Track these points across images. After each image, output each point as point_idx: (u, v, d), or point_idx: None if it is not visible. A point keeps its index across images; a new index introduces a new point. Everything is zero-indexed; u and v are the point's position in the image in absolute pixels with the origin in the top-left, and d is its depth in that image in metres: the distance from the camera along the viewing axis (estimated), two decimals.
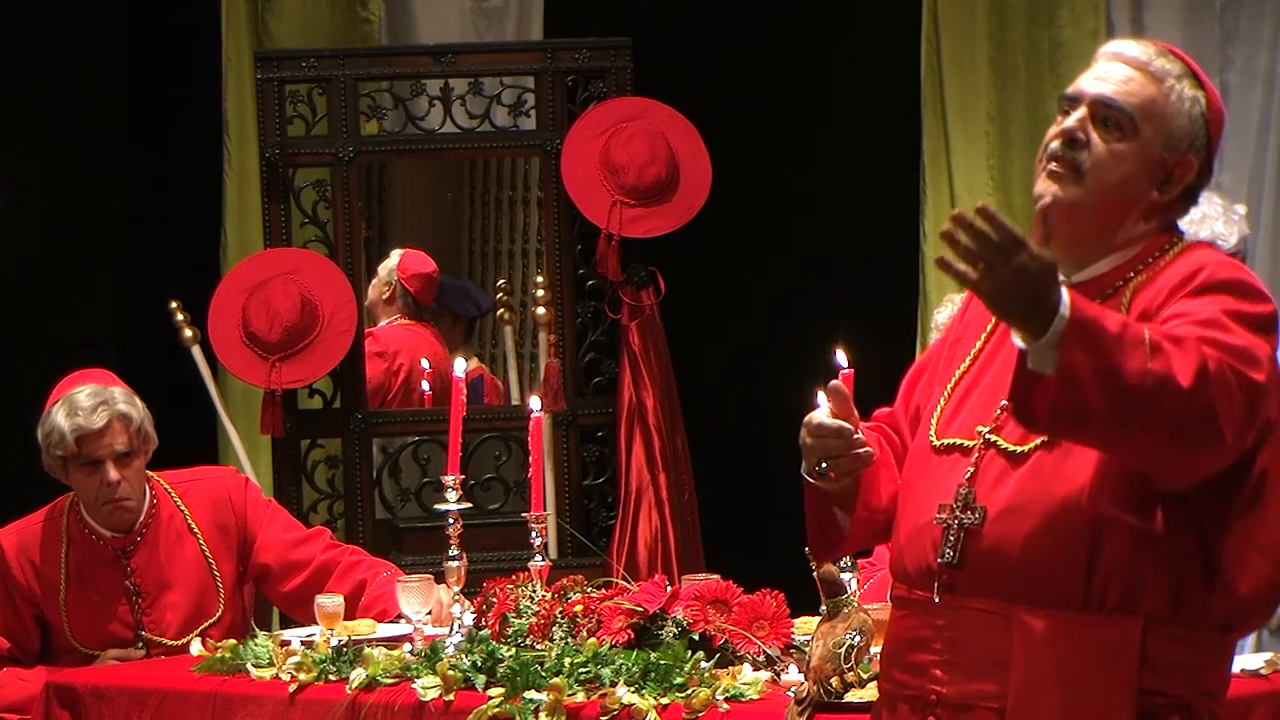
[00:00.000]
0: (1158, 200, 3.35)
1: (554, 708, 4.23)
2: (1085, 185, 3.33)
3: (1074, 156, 3.34)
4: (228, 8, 8.08)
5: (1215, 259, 3.29)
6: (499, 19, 8.18)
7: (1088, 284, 3.34)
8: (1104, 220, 3.34)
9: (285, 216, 6.90)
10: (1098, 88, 3.37)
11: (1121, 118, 3.34)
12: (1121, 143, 3.33)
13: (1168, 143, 3.34)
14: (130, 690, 4.87)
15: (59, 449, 5.30)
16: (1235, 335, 3.16)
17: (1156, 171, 3.34)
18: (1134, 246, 3.35)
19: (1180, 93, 3.37)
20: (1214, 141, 3.39)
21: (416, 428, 7.07)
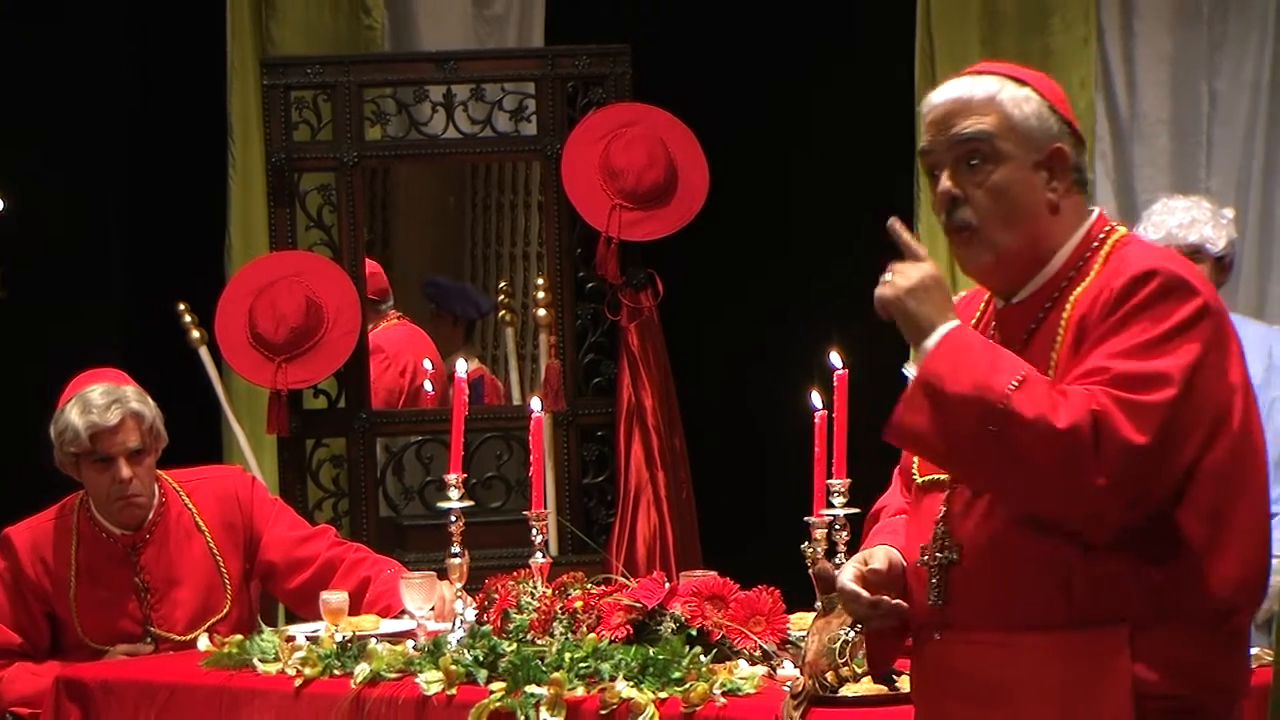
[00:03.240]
0: (1055, 198, 3.36)
1: (554, 702, 4.24)
2: (991, 231, 3.34)
3: (962, 219, 3.35)
4: (233, 15, 8.10)
5: (1142, 262, 3.28)
6: (500, 26, 8.19)
7: (1031, 299, 3.36)
8: (1025, 245, 3.35)
9: (291, 220, 6.91)
10: (947, 132, 3.37)
11: (983, 147, 3.34)
12: (996, 172, 3.34)
13: (1032, 146, 3.35)
14: (139, 684, 4.88)
15: (72, 446, 5.31)
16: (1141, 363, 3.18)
17: (1038, 176, 3.35)
18: (1065, 249, 3.36)
19: (1013, 98, 3.37)
20: (1067, 115, 3.40)
21: (419, 427, 7.08)
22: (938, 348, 3.25)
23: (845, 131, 7.76)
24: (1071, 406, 3.15)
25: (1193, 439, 3.20)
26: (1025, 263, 3.35)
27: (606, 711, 4.19)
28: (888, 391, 3.53)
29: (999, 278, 3.39)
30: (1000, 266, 3.36)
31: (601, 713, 4.20)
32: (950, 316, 3.28)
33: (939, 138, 3.37)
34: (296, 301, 6.63)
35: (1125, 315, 3.22)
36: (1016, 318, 3.37)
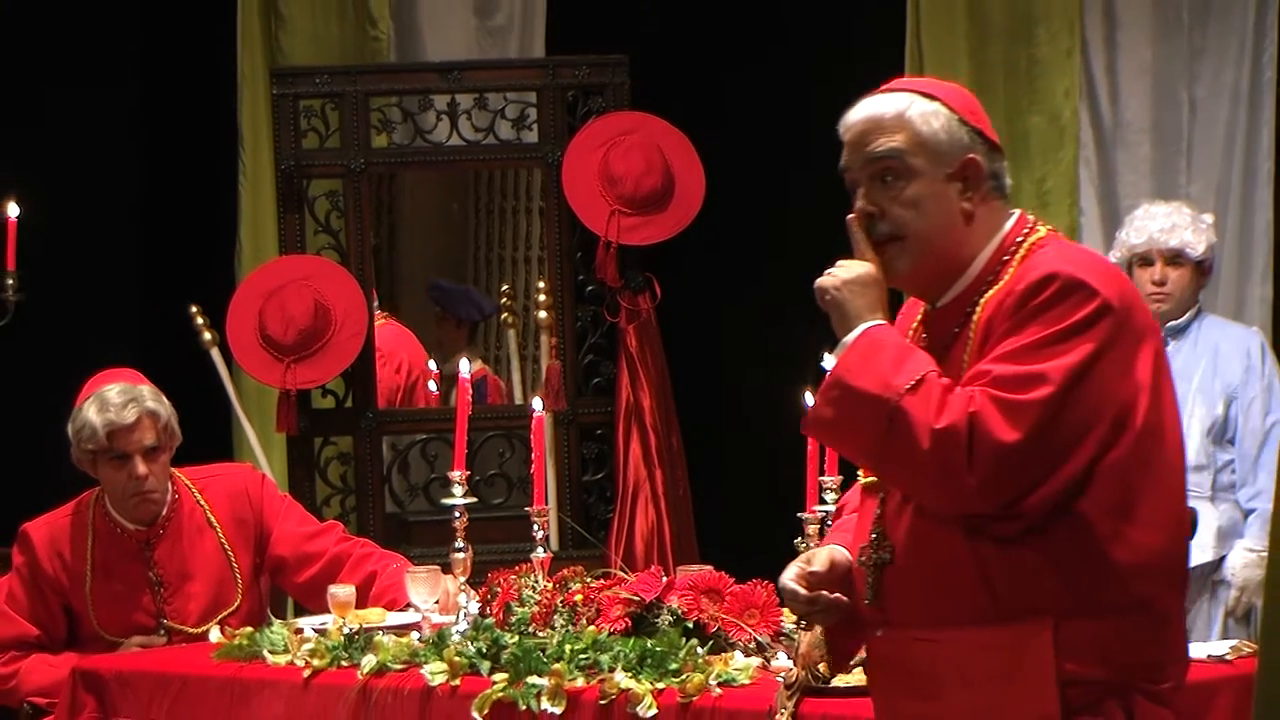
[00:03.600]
0: (970, 206, 3.39)
1: (555, 692, 4.24)
2: (908, 243, 3.38)
3: (881, 232, 3.40)
4: (243, 26, 8.10)
5: (1046, 265, 3.30)
6: (503, 37, 8.20)
7: (953, 303, 3.40)
8: (941, 255, 3.39)
9: (300, 225, 6.91)
10: (862, 151, 3.42)
11: (895, 165, 3.38)
12: (908, 187, 3.38)
13: (942, 160, 3.38)
14: (152, 675, 4.88)
15: (90, 443, 5.32)
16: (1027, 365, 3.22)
17: (951, 187, 3.38)
18: (983, 254, 3.39)
19: (921, 115, 3.40)
20: (980, 125, 3.42)
21: (424, 426, 7.08)
22: (854, 343, 3.33)
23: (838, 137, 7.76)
24: (952, 408, 3.21)
25: (1090, 436, 3.23)
26: (943, 270, 3.40)
27: (606, 701, 4.20)
28: None
29: (919, 284, 3.44)
30: (918, 274, 3.41)
31: (601, 703, 4.20)
32: (877, 316, 3.35)
33: (855, 156, 3.43)
34: (305, 304, 6.63)
35: (1023, 317, 3.26)
36: (941, 321, 3.42)
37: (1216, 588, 6.30)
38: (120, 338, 7.85)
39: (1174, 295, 6.29)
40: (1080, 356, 3.22)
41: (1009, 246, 3.38)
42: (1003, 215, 3.42)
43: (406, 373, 7.27)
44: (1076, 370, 3.21)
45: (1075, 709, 3.24)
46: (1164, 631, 3.31)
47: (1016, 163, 7.70)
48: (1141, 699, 3.27)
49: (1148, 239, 6.28)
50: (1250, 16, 7.35)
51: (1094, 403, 3.23)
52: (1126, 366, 3.26)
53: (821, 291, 3.41)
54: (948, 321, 3.40)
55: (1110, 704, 3.25)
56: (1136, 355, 3.28)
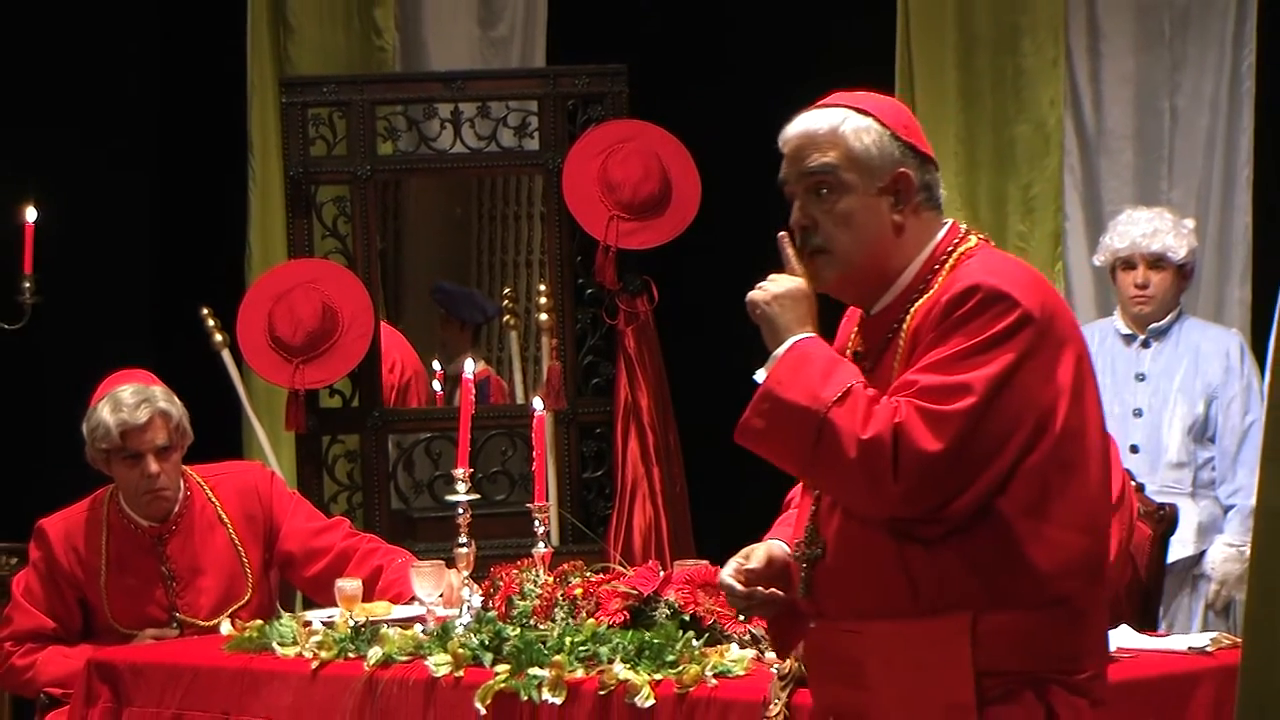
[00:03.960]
0: (900, 219, 3.41)
1: (555, 683, 4.24)
2: (837, 254, 3.41)
3: (814, 244, 3.42)
4: (253, 37, 8.10)
5: (970, 277, 3.32)
6: (505, 47, 8.20)
7: (885, 311, 3.42)
8: (870, 266, 3.41)
9: (308, 230, 6.91)
10: (797, 165, 3.44)
11: (828, 179, 3.40)
12: (840, 200, 3.40)
13: (874, 174, 3.40)
14: (165, 667, 4.88)
15: (104, 442, 5.32)
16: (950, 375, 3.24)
17: (883, 200, 3.40)
18: (912, 268, 3.41)
19: (854, 130, 3.42)
20: (912, 139, 3.44)
21: (429, 425, 7.08)
22: (784, 356, 3.36)
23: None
24: (877, 419, 3.24)
25: (1012, 441, 3.25)
26: (872, 280, 3.42)
27: (605, 692, 4.20)
28: None
29: (849, 292, 3.47)
30: (846, 283, 3.44)
31: (600, 693, 4.21)
32: (806, 329, 3.38)
33: (791, 170, 3.45)
34: (313, 307, 6.63)
35: (947, 328, 3.29)
36: (875, 329, 3.45)
37: (1197, 582, 6.31)
38: (134, 339, 7.85)
39: (1156, 298, 6.30)
40: (1001, 366, 3.24)
41: (939, 256, 3.41)
42: (935, 226, 3.44)
43: (400, 373, 7.26)
44: (998, 380, 3.24)
45: (991, 699, 3.27)
46: (1081, 626, 3.32)
47: (1003, 169, 7.70)
48: (1058, 689, 3.29)
49: (1131, 243, 6.29)
50: (1229, 28, 7.35)
51: (1015, 410, 3.25)
52: (1047, 373, 3.28)
53: (752, 305, 3.45)
54: (881, 329, 3.43)
55: (1026, 694, 3.28)
56: (1058, 362, 3.30)
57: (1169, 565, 5.39)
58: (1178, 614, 6.27)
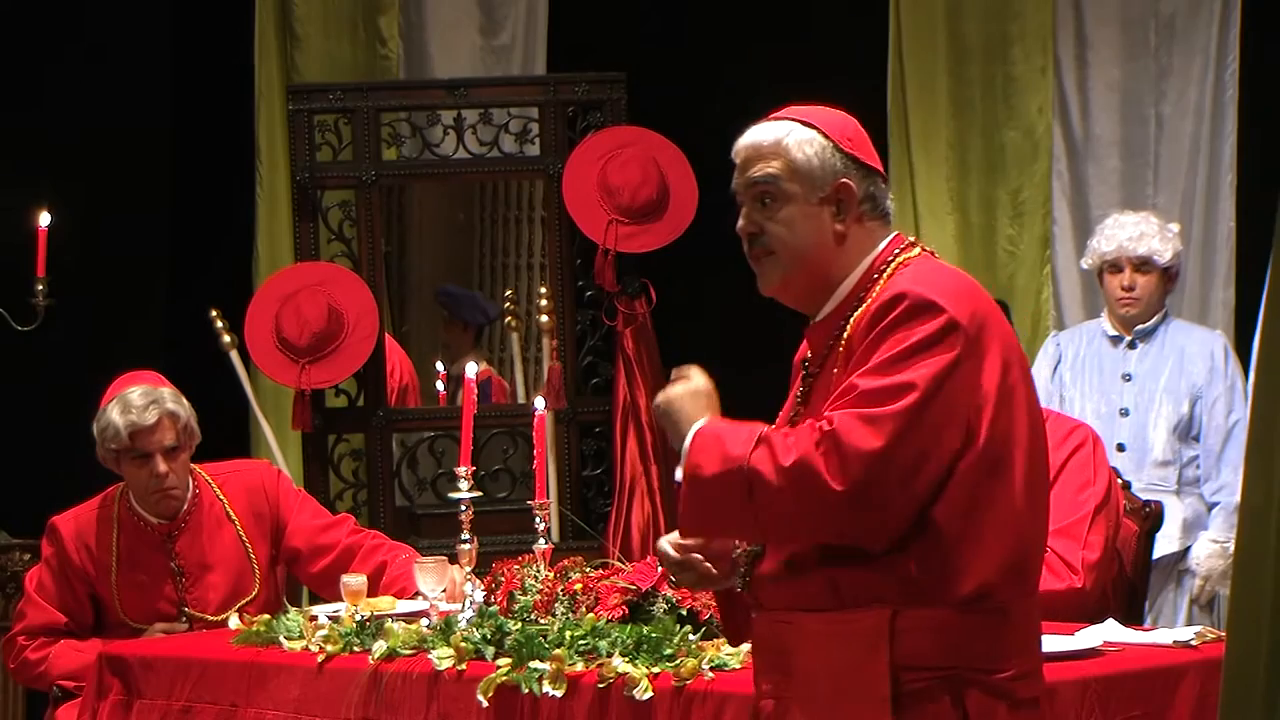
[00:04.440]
0: (842, 228, 3.43)
1: (556, 676, 4.24)
2: (779, 258, 3.44)
3: (759, 245, 3.46)
4: (260, 46, 8.10)
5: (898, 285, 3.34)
6: (506, 55, 8.20)
7: (828, 318, 3.44)
8: (812, 272, 3.44)
9: (314, 234, 6.91)
10: (744, 175, 3.48)
11: (771, 189, 3.44)
12: (783, 209, 3.43)
13: (815, 184, 3.43)
14: (175, 660, 4.88)
15: (113, 443, 5.31)
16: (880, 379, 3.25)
17: (825, 209, 3.43)
18: (853, 276, 3.43)
19: (797, 142, 3.45)
20: (856, 153, 3.46)
21: (432, 424, 7.07)
22: (691, 445, 3.38)
23: None
24: (797, 444, 3.26)
25: (941, 446, 3.26)
26: (814, 286, 3.45)
27: (604, 685, 4.19)
28: None
29: (792, 297, 3.49)
30: (788, 287, 3.46)
31: (599, 686, 4.20)
32: (704, 417, 3.41)
33: (739, 180, 3.49)
34: (319, 308, 6.63)
35: (877, 336, 3.30)
36: (818, 336, 3.47)
37: (1182, 577, 6.31)
38: (144, 341, 7.85)
39: (1142, 300, 6.30)
40: (931, 371, 3.25)
41: (879, 266, 3.42)
42: (879, 236, 3.46)
43: (399, 377, 7.26)
44: (929, 383, 3.24)
45: (908, 694, 3.28)
46: (1003, 627, 3.32)
47: (993, 175, 7.71)
48: (975, 688, 3.29)
49: (1117, 247, 6.29)
50: (1213, 38, 7.36)
51: (943, 415, 3.25)
52: (974, 381, 3.29)
53: (656, 408, 3.48)
54: (824, 336, 3.45)
55: (941, 691, 3.28)
56: (983, 370, 3.30)
57: (1154, 561, 5.39)
58: (1163, 609, 6.27)
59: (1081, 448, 4.93)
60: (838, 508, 3.24)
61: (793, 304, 3.52)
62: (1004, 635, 3.32)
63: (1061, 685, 3.92)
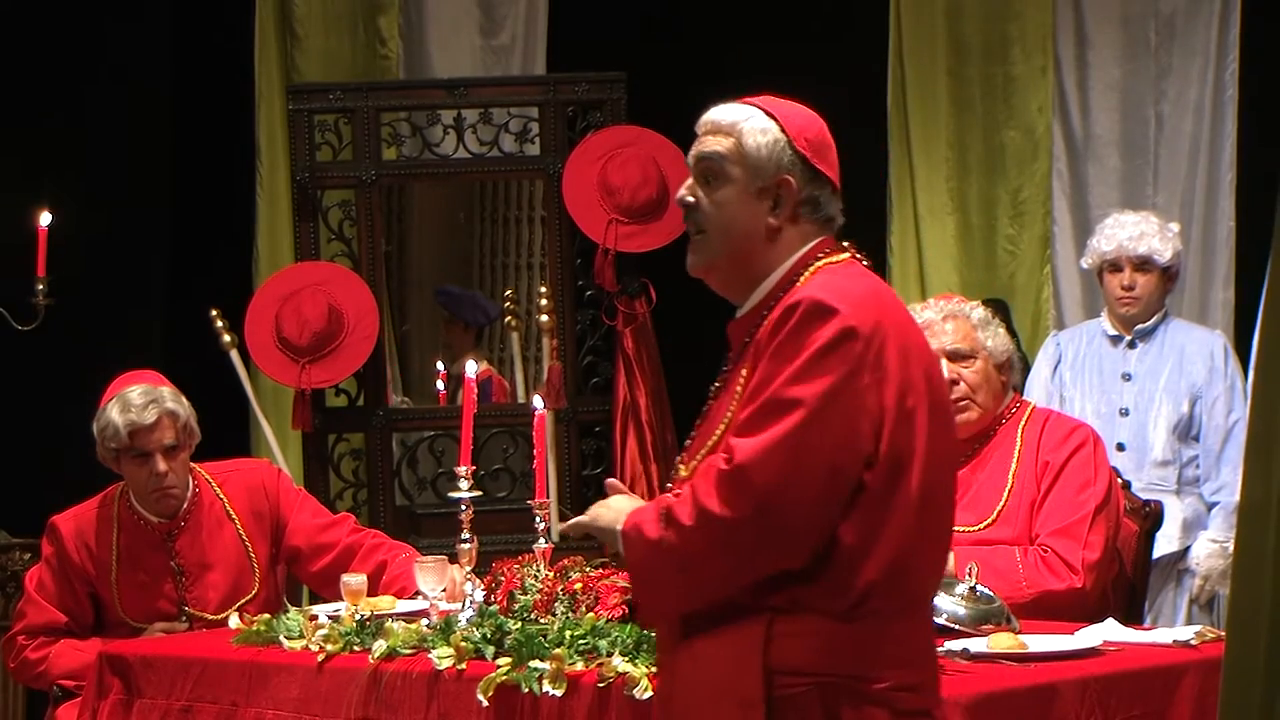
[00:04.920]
0: (776, 223, 3.42)
1: (556, 675, 4.24)
2: (710, 238, 3.45)
3: (694, 220, 3.46)
4: (260, 46, 8.11)
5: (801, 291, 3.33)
6: (506, 56, 8.20)
7: (746, 316, 3.44)
8: (737, 260, 3.43)
9: (314, 233, 6.91)
10: (696, 149, 3.48)
11: (714, 167, 3.44)
12: (721, 190, 3.43)
13: (757, 173, 3.42)
14: (175, 659, 4.88)
15: (113, 442, 5.31)
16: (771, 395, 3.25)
17: (762, 200, 3.42)
18: (778, 272, 3.42)
19: (750, 130, 3.45)
20: (808, 154, 3.45)
21: (432, 423, 7.08)
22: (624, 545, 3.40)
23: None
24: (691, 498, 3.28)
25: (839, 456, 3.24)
26: (739, 276, 3.44)
27: (604, 684, 4.19)
28: None
29: (715, 281, 3.49)
30: (714, 272, 3.46)
31: (599, 685, 4.20)
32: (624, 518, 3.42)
33: (693, 150, 3.49)
34: (319, 308, 6.63)
35: (776, 346, 3.30)
36: (737, 332, 3.47)
37: (1182, 577, 6.31)
38: (144, 340, 7.86)
39: (1142, 300, 6.30)
40: (823, 381, 3.24)
41: (801, 269, 3.41)
42: (808, 239, 3.44)
43: None
44: (820, 395, 3.23)
45: (780, 699, 3.28)
46: (882, 638, 3.30)
47: (993, 175, 7.72)
48: (849, 696, 3.28)
49: (1117, 246, 6.29)
50: (1213, 38, 7.37)
51: (837, 428, 3.24)
52: (874, 391, 3.27)
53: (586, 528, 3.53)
54: (741, 333, 3.45)
55: (815, 698, 3.28)
56: (885, 381, 3.28)
57: (1154, 561, 5.39)
58: (1163, 608, 6.27)
59: (1082, 448, 4.93)
60: (748, 540, 3.24)
61: (719, 289, 3.52)
62: (882, 645, 3.31)
63: (1062, 685, 3.93)
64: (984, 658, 4.08)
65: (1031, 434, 4.96)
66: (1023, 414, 5.02)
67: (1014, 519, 4.88)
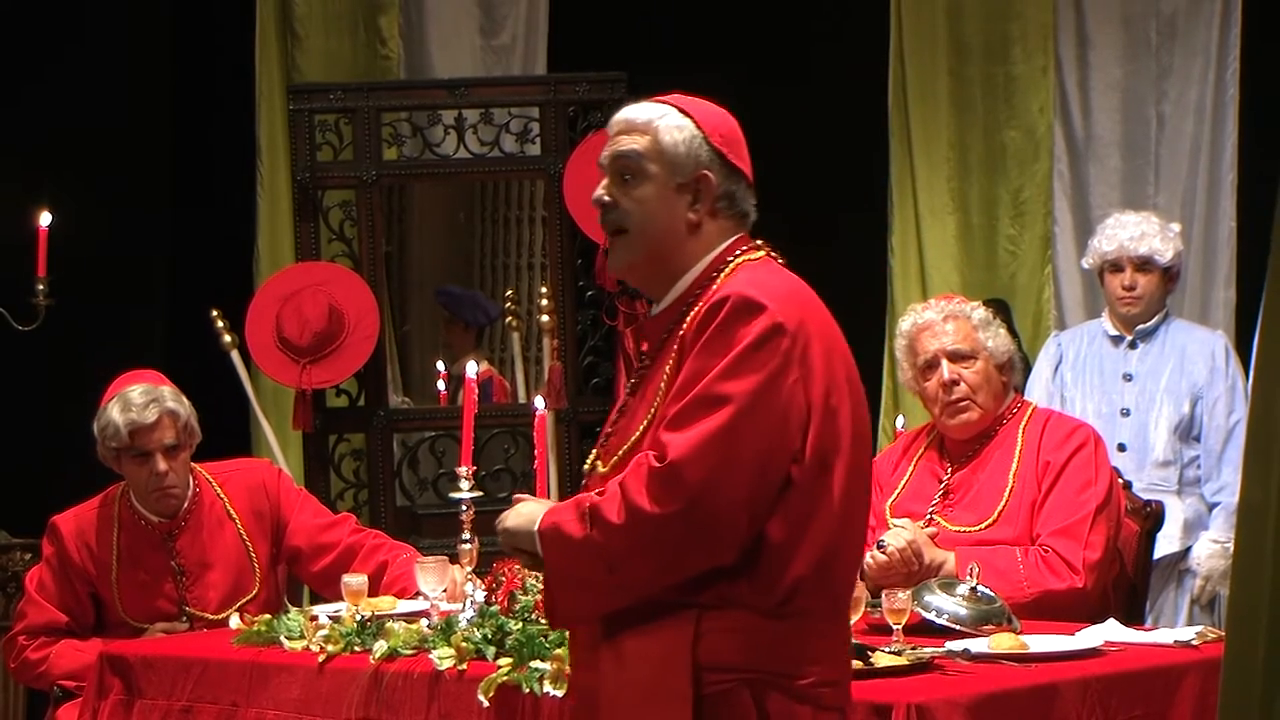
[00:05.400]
0: (696, 218, 3.43)
1: (556, 676, 4.24)
2: (631, 237, 3.44)
3: (611, 220, 3.46)
4: (261, 46, 8.12)
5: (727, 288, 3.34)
6: (507, 56, 8.21)
7: (666, 311, 3.45)
8: (658, 255, 3.44)
9: (315, 234, 6.92)
10: (613, 147, 3.48)
11: (632, 165, 3.44)
12: (640, 187, 3.43)
13: (676, 169, 3.43)
14: (175, 660, 4.88)
15: (113, 441, 5.31)
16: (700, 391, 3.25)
17: (682, 196, 3.43)
18: (697, 267, 3.43)
19: (668, 126, 3.46)
20: (723, 149, 3.47)
21: (433, 424, 7.08)
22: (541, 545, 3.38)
23: (825, 151, 7.77)
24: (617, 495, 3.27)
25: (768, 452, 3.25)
26: (660, 271, 3.45)
27: None
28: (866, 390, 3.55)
29: (637, 277, 3.52)
30: (636, 268, 3.47)
31: None
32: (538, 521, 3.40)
33: (607, 151, 3.49)
34: (320, 308, 6.64)
35: (704, 342, 3.30)
36: (655, 328, 3.47)
37: (1183, 577, 6.31)
38: (145, 340, 7.86)
39: (1143, 300, 6.30)
40: (753, 377, 3.25)
41: (720, 265, 3.42)
42: (727, 235, 3.46)
43: None
44: (750, 392, 3.24)
45: (710, 695, 3.29)
46: (807, 634, 3.32)
47: (994, 174, 7.72)
48: (776, 692, 3.30)
49: (1118, 246, 6.29)
50: (1214, 38, 7.37)
51: (766, 423, 3.25)
52: (802, 387, 3.28)
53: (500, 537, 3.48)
54: (660, 328, 3.45)
55: (743, 693, 3.29)
56: (811, 378, 3.30)
57: (1155, 561, 5.39)
58: (1164, 608, 6.28)
59: (1083, 448, 4.93)
60: (679, 537, 3.24)
61: (640, 287, 3.55)
62: (808, 642, 3.32)
63: (1063, 685, 3.94)
64: (985, 658, 4.09)
65: (1032, 434, 4.97)
66: (1023, 414, 5.03)
67: (1015, 519, 4.88)
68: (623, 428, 3.45)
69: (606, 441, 3.48)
